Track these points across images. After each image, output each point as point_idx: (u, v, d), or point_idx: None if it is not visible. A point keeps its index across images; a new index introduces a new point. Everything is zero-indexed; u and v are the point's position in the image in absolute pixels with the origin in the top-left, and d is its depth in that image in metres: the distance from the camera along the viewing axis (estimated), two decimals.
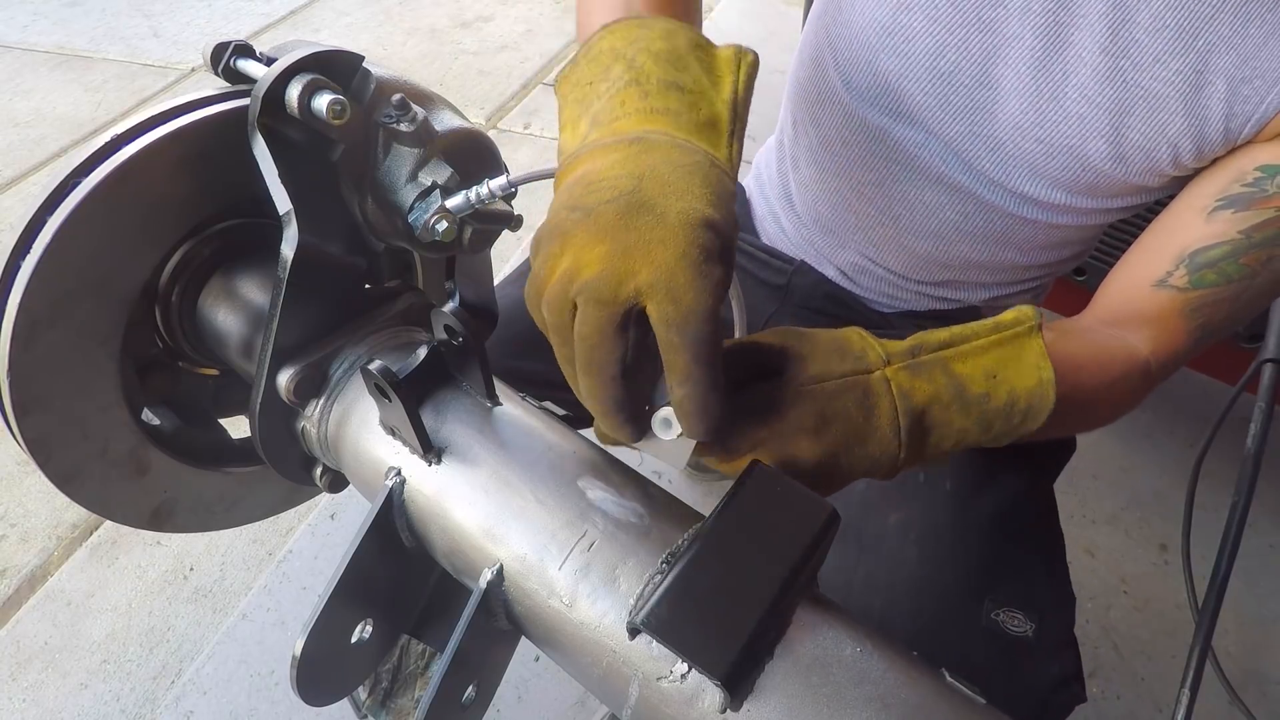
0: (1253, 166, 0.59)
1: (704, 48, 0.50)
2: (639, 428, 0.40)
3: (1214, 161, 0.62)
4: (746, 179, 1.01)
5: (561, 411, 0.49)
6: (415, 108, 0.46)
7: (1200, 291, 0.61)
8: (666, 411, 0.39)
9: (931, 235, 0.78)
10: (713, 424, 0.38)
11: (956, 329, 0.47)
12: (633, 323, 0.37)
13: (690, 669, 0.34)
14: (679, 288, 0.36)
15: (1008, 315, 0.48)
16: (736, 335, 0.47)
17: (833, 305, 0.89)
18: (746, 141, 0.49)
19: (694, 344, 0.36)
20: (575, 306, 0.38)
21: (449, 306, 0.44)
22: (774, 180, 0.93)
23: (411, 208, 0.47)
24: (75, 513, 1.48)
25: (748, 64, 0.49)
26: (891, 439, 0.43)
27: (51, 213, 0.42)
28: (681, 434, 0.38)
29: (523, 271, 0.90)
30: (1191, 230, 0.61)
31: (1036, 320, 0.47)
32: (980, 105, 0.68)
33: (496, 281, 0.84)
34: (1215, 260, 0.60)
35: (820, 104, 0.79)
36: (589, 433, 0.45)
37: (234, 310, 0.51)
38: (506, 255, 2.01)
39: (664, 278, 0.36)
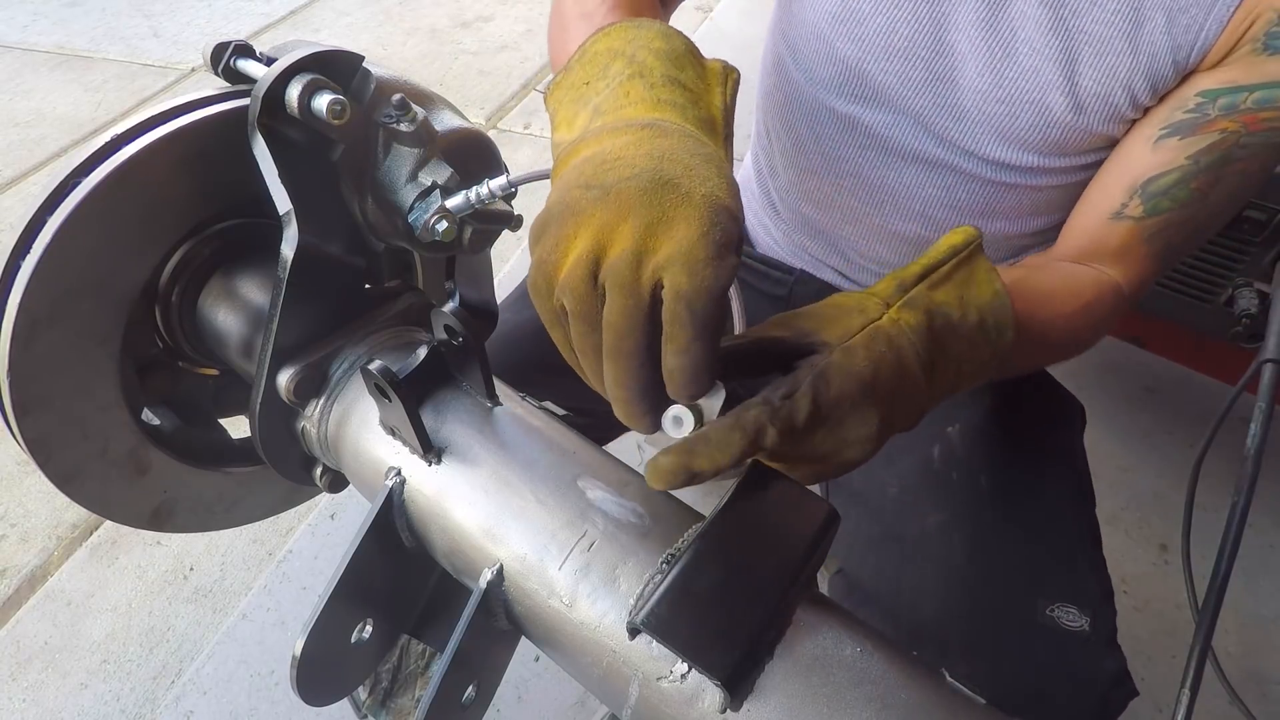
0: (1193, 93, 0.61)
1: (697, 54, 0.50)
2: (658, 419, 0.40)
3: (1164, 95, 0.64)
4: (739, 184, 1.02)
5: (561, 411, 0.49)
6: (415, 108, 0.46)
7: (1156, 218, 0.63)
8: (678, 409, 0.38)
9: (917, 216, 0.78)
10: (698, 395, 0.38)
11: (923, 260, 0.47)
12: (660, 305, 0.37)
13: (690, 669, 0.34)
14: (697, 263, 0.35)
15: (956, 237, 0.47)
16: (737, 332, 0.47)
17: None
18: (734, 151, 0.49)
19: (700, 321, 0.36)
20: (604, 291, 0.37)
21: (449, 306, 0.44)
22: (756, 193, 0.94)
23: (411, 208, 0.47)
24: (75, 513, 1.48)
25: (734, 79, 0.50)
26: (919, 375, 0.43)
27: (51, 213, 0.42)
28: (694, 431, 0.38)
29: (519, 295, 0.89)
30: (1141, 161, 0.63)
31: (979, 237, 0.48)
32: (940, 75, 0.69)
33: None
34: (1167, 188, 0.62)
35: (788, 105, 0.80)
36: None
37: (234, 310, 0.51)
38: (506, 255, 2.01)
39: (684, 251, 0.35)
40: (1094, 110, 0.64)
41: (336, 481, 0.54)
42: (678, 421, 0.38)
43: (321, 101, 0.42)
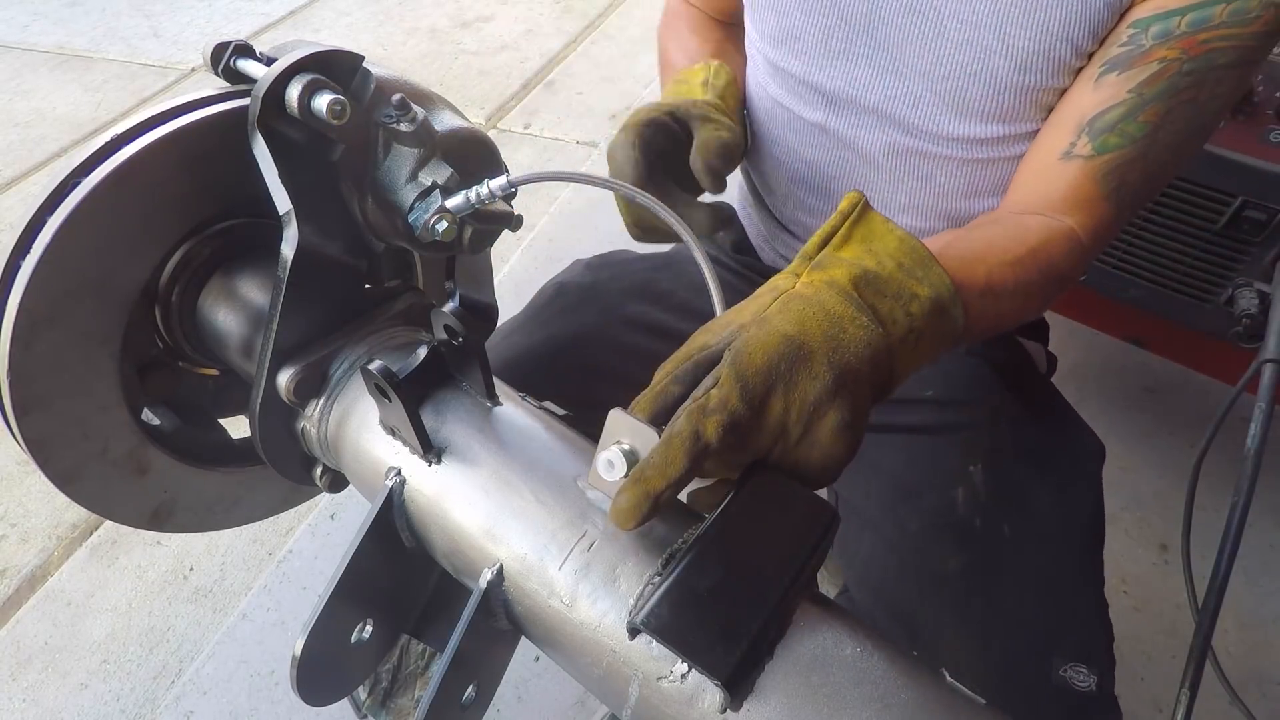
0: (1125, 25, 0.60)
1: (688, 72, 0.79)
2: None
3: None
4: (738, 203, 1.03)
5: (561, 411, 0.49)
6: (415, 108, 0.46)
7: (1107, 156, 0.61)
8: (610, 452, 0.38)
9: (905, 209, 0.79)
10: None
11: (820, 232, 0.48)
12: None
13: (690, 669, 0.34)
14: (610, 153, 0.66)
15: (843, 203, 0.49)
16: (718, 313, 0.46)
17: None
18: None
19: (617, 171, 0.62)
20: None
21: (449, 306, 0.44)
22: (752, 202, 0.95)
23: (411, 208, 0.47)
24: (75, 513, 1.48)
25: (712, 69, 0.79)
26: (859, 316, 0.43)
27: (51, 213, 0.42)
28: (626, 476, 0.37)
29: (531, 316, 0.87)
30: (1085, 100, 0.62)
31: (862, 198, 0.49)
32: (883, 68, 0.71)
33: (503, 322, 0.83)
34: (1114, 123, 0.60)
35: (770, 119, 0.84)
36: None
37: (234, 310, 0.51)
38: (506, 255, 2.01)
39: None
40: (1037, 68, 0.64)
41: (336, 481, 0.54)
42: (610, 465, 0.38)
43: (321, 101, 0.42)
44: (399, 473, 0.44)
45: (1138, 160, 0.61)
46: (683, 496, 0.40)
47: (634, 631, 0.35)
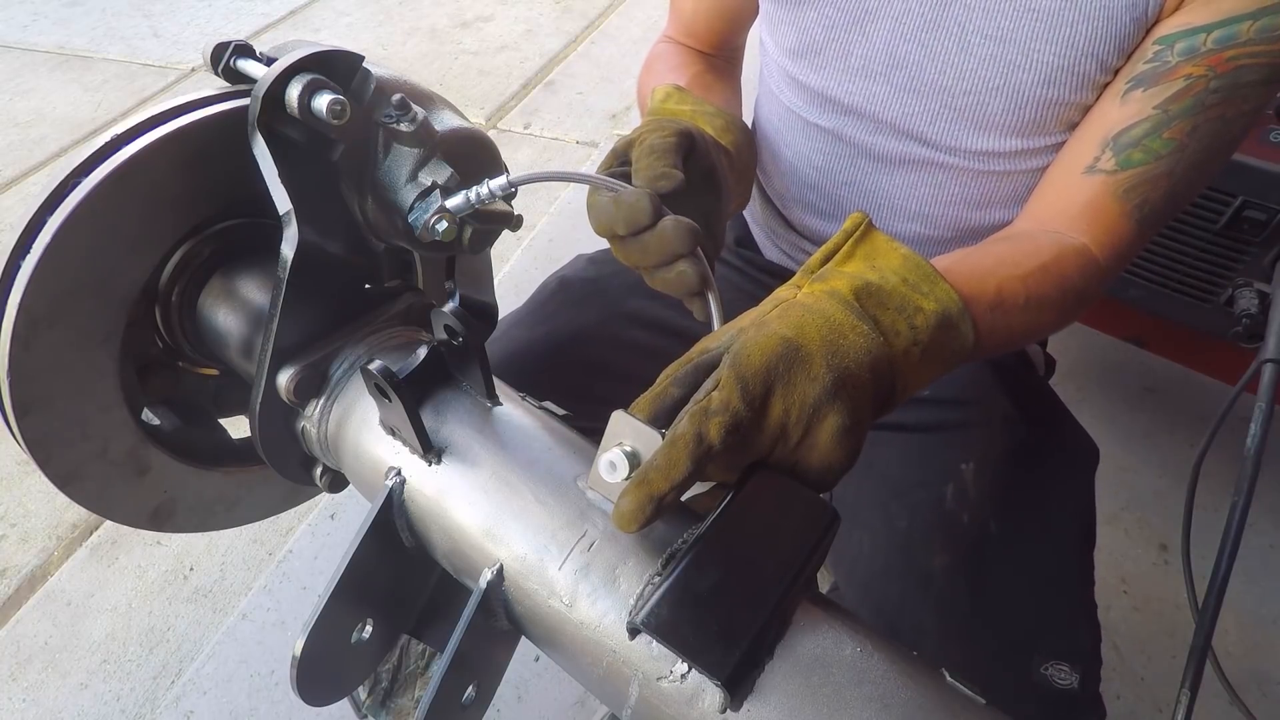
0: (1150, 41, 0.59)
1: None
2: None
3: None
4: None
5: (561, 411, 0.49)
6: (415, 108, 0.46)
7: (1130, 171, 0.61)
8: (613, 454, 0.38)
9: (915, 216, 0.79)
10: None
11: (823, 249, 0.49)
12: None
13: (690, 669, 0.34)
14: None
15: (847, 224, 0.50)
16: (715, 328, 0.47)
17: None
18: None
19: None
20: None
21: (449, 306, 0.44)
22: (763, 204, 0.95)
23: (411, 208, 0.47)
24: (75, 513, 1.48)
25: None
26: (860, 324, 0.43)
27: (51, 213, 0.42)
28: (628, 478, 0.38)
29: (532, 310, 0.87)
30: (1110, 116, 0.62)
31: (866, 218, 0.50)
32: (902, 85, 0.70)
33: (505, 315, 0.83)
34: (1139, 139, 0.60)
35: (780, 127, 0.84)
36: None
37: (234, 310, 0.51)
38: (506, 255, 2.01)
39: None
40: (1062, 83, 0.64)
41: (336, 481, 0.54)
42: (612, 466, 0.38)
43: (321, 101, 0.42)
44: (399, 473, 0.44)
45: (1163, 177, 0.60)
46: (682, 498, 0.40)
47: (634, 631, 0.35)
